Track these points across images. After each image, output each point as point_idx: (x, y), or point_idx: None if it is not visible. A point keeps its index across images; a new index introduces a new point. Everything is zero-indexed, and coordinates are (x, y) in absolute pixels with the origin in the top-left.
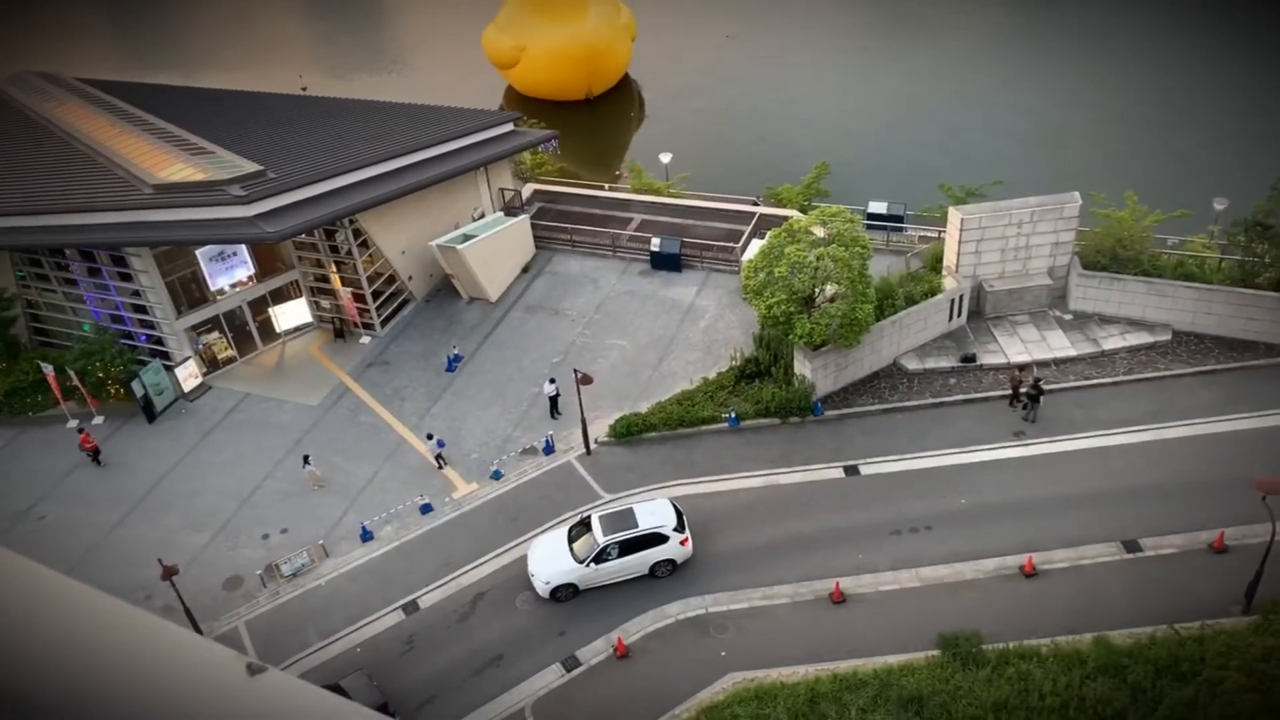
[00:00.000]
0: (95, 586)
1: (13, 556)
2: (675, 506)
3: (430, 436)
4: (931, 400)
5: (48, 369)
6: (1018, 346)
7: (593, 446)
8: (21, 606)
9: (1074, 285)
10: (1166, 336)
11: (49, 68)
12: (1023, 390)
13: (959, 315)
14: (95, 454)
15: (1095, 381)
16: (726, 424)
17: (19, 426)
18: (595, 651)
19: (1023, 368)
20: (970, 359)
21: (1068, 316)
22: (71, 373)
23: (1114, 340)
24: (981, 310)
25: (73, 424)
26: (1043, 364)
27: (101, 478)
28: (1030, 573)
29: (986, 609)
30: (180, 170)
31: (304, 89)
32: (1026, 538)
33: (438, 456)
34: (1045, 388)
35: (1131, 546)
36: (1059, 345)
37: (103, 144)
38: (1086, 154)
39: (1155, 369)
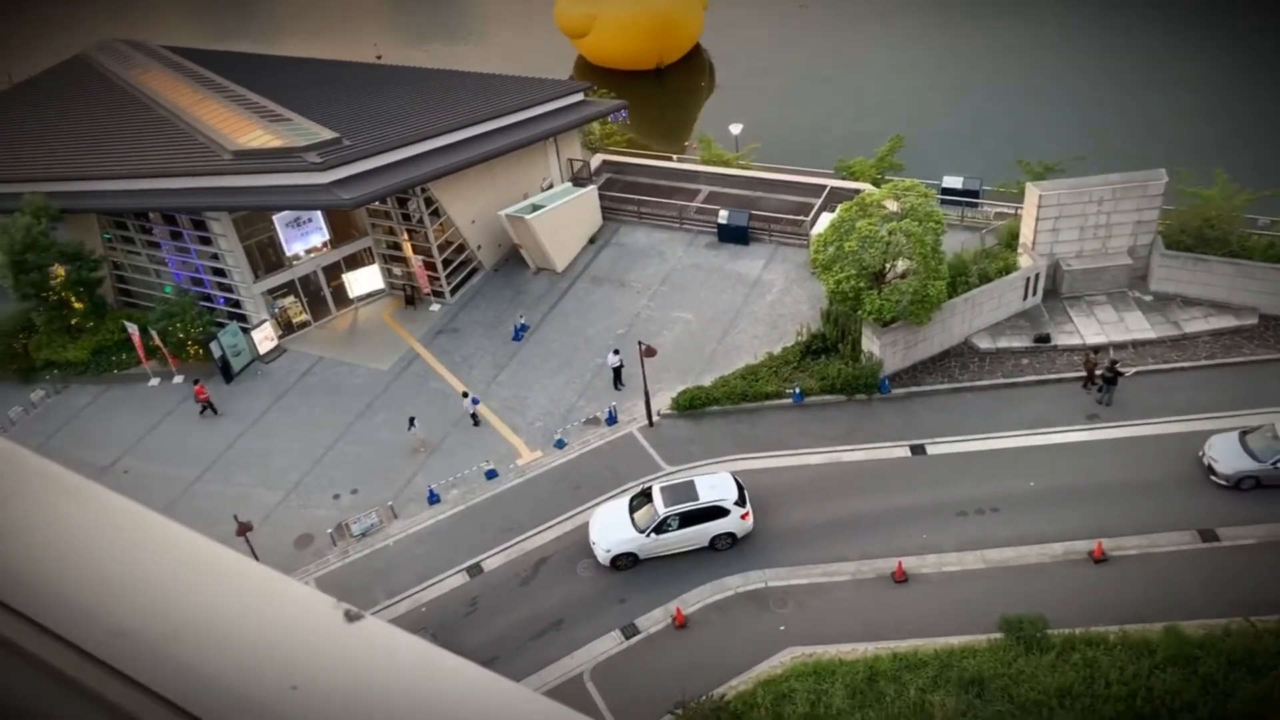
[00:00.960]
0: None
1: (109, 495)
2: (737, 480)
3: (465, 394)
4: (1003, 380)
5: (132, 329)
6: (1094, 327)
7: (655, 419)
8: (119, 542)
9: (1156, 266)
10: (1253, 320)
11: (135, 36)
12: (1098, 372)
13: (1034, 294)
14: (209, 405)
15: (1175, 365)
16: (790, 400)
17: (105, 384)
18: (654, 620)
19: (1098, 349)
20: (1044, 339)
21: (1148, 298)
22: (154, 333)
23: (1196, 323)
24: (1057, 289)
25: (154, 382)
26: (1120, 346)
27: (181, 435)
28: (1100, 558)
29: (1053, 594)
30: (259, 137)
31: (379, 57)
32: (1097, 523)
33: (472, 415)
34: (1122, 370)
35: (1208, 536)
36: (1138, 327)
37: (185, 110)
38: (1175, 131)
39: (1239, 354)
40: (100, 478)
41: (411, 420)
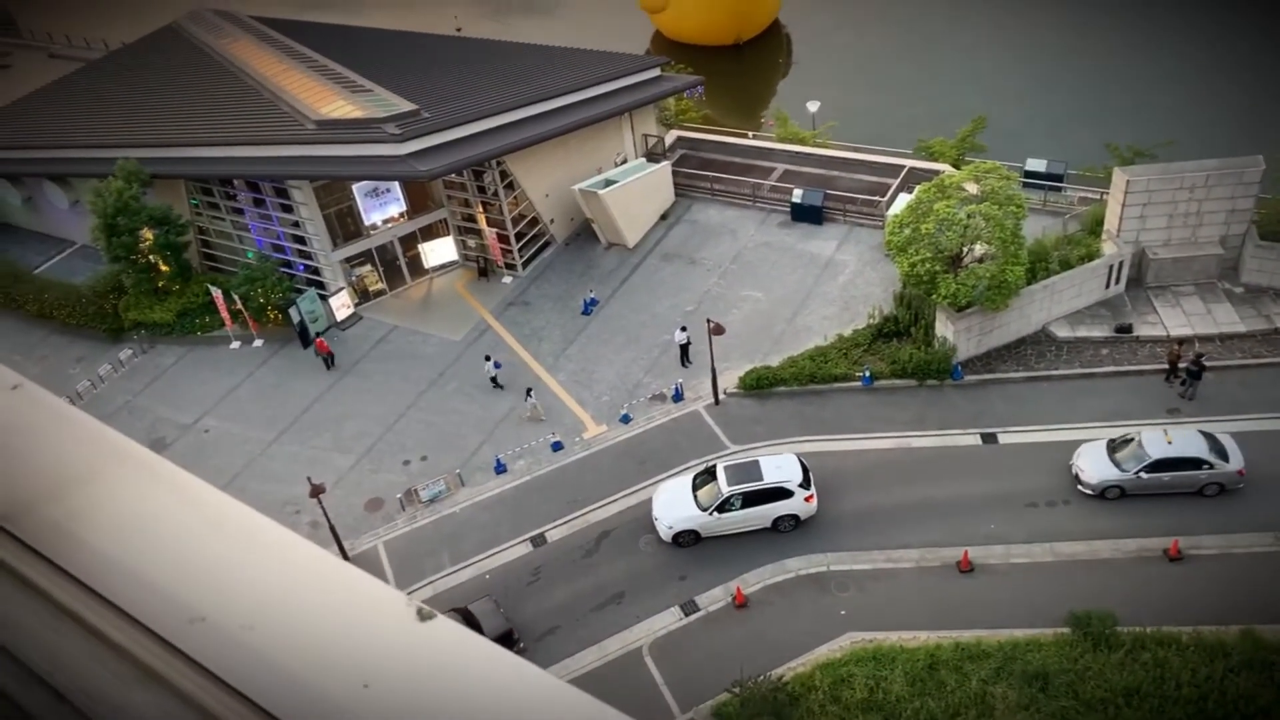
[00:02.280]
0: (252, 501)
1: (195, 481)
2: (802, 462)
3: (488, 358)
4: (1081, 370)
5: (216, 292)
6: (1179, 319)
7: (721, 397)
8: (201, 529)
9: (1249, 256)
10: None
11: (224, 5)
12: (1182, 365)
13: (1117, 283)
14: (331, 358)
15: (1265, 360)
16: (860, 383)
17: (189, 345)
18: (714, 599)
19: (1183, 341)
20: (1126, 329)
21: (1238, 289)
22: (236, 297)
23: None
24: (1142, 279)
25: (235, 345)
26: (1206, 339)
27: (260, 397)
28: (1175, 557)
29: (1124, 591)
30: (341, 107)
31: (459, 30)
32: (1174, 520)
33: (493, 379)
34: (1207, 364)
35: None
36: (1226, 320)
37: (271, 80)
38: (1274, 115)
39: None
40: (183, 436)
41: (529, 391)
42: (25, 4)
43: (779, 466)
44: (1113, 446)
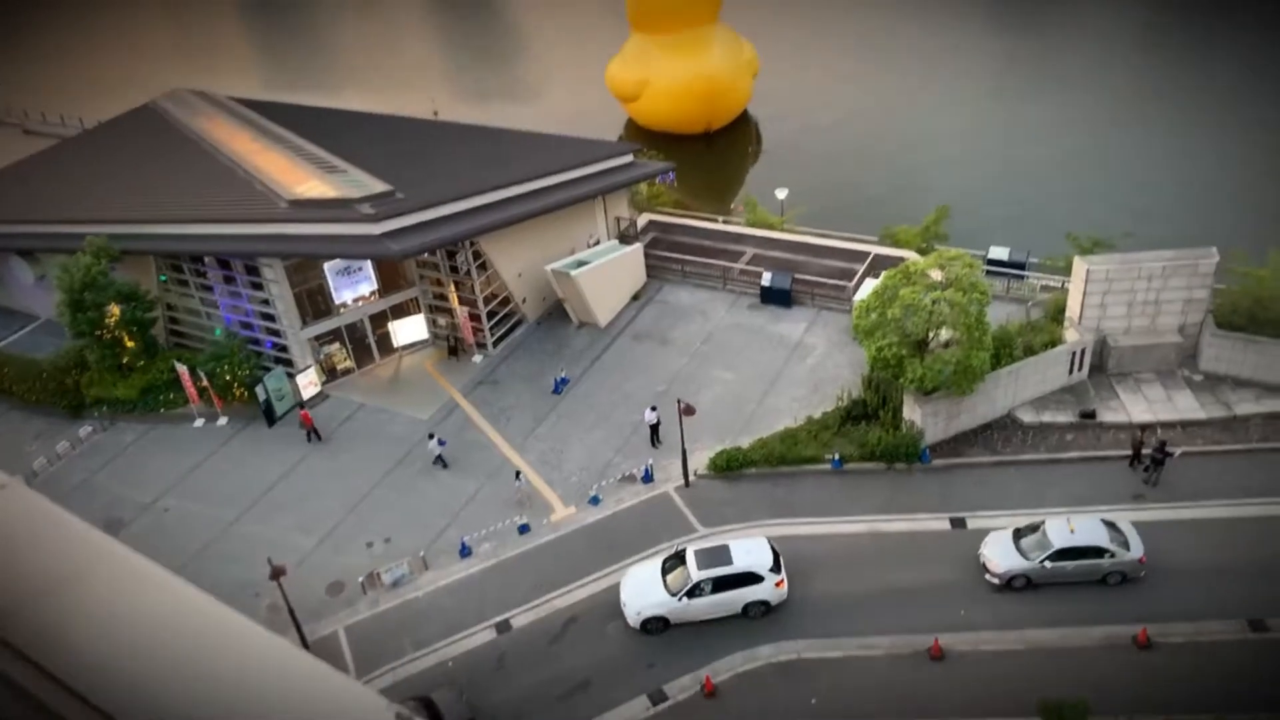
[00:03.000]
0: (210, 584)
1: (185, 587)
2: (772, 546)
3: (431, 436)
4: (1047, 455)
5: (182, 369)
6: (1142, 405)
7: (692, 479)
8: (181, 634)
9: (1206, 345)
10: None
11: (203, 85)
12: (1145, 451)
13: (1080, 369)
14: (313, 431)
15: (1225, 448)
16: (830, 465)
17: (151, 422)
18: (683, 688)
19: (1146, 428)
20: (1090, 415)
21: (1198, 377)
22: (202, 374)
23: (1248, 405)
24: (1104, 365)
25: (199, 422)
26: (1168, 425)
27: (222, 475)
28: (1144, 644)
29: (1094, 679)
30: (315, 187)
31: (436, 113)
32: (1142, 607)
33: (438, 457)
34: (1171, 450)
35: (1257, 626)
36: (1187, 407)
37: (245, 159)
38: (1226, 209)
39: None
40: (141, 515)
41: (518, 474)
42: (2, 81)
43: (749, 551)
44: (1018, 535)
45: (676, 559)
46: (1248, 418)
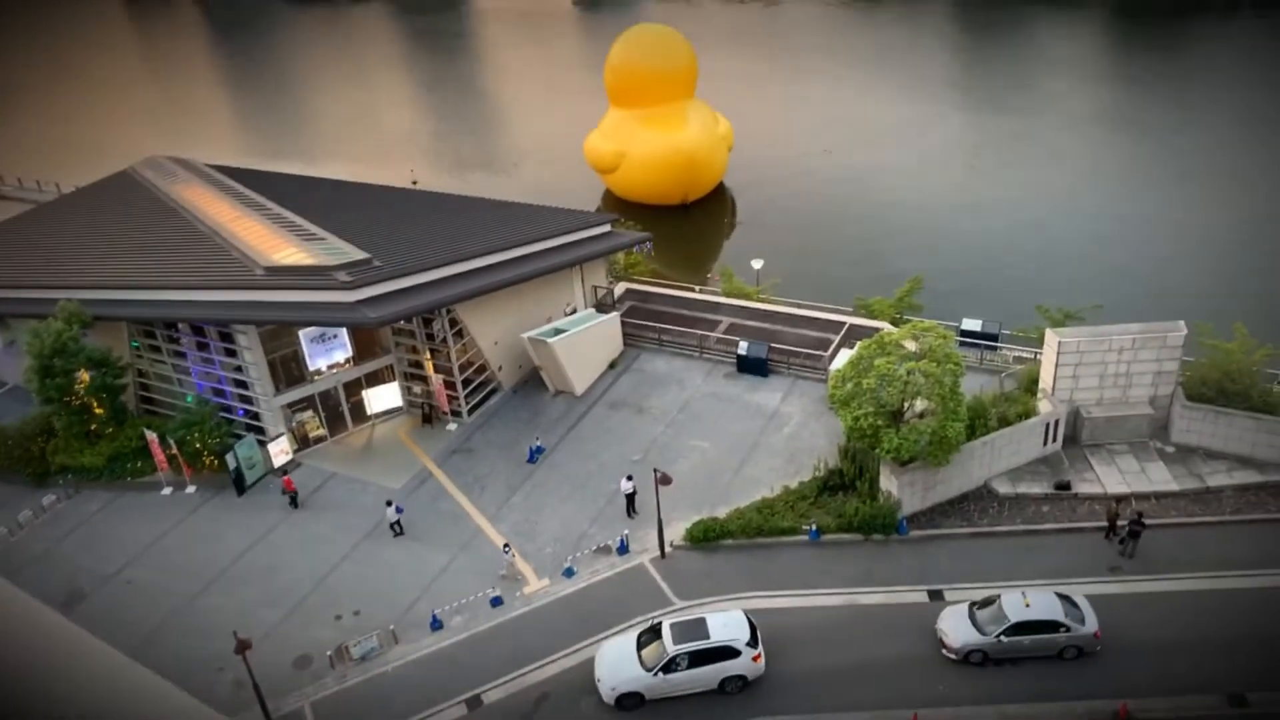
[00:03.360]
0: (173, 658)
1: (153, 678)
2: (749, 619)
3: (390, 503)
4: (1023, 527)
5: (151, 436)
6: (1116, 477)
7: (668, 550)
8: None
9: (1177, 417)
10: (1278, 477)
11: (187, 152)
12: (1120, 523)
13: (1054, 440)
14: (294, 497)
15: (1199, 519)
16: (807, 536)
17: (117, 490)
18: None
19: (1120, 499)
20: (1065, 486)
21: (1170, 449)
22: (172, 441)
23: (1220, 477)
24: (1078, 437)
25: (167, 491)
26: (1142, 497)
27: (188, 546)
28: (1124, 719)
29: None
30: (292, 254)
31: (415, 183)
32: (1121, 682)
33: (394, 525)
34: (1145, 523)
35: (1236, 700)
36: (1160, 478)
37: (223, 225)
38: (1194, 281)
39: (1265, 510)
40: (103, 587)
41: (506, 546)
42: None
43: (726, 624)
44: (974, 609)
45: (652, 633)
46: (1221, 489)
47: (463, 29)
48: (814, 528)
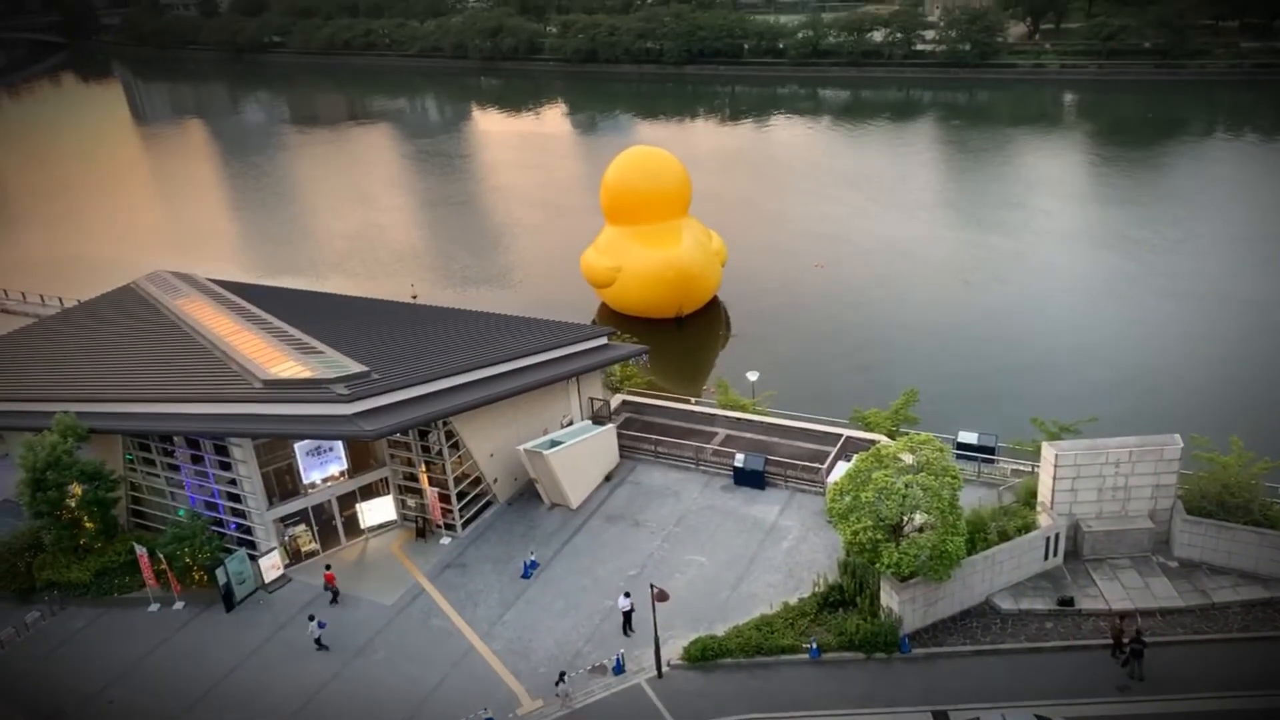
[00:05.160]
0: None
1: None
2: None
3: (312, 618)
4: (1027, 644)
5: (141, 551)
6: (1119, 592)
7: (665, 669)
8: None
9: (1178, 531)
10: None
11: (185, 268)
12: (1125, 641)
13: (1055, 554)
14: (336, 594)
15: (1206, 637)
16: (807, 655)
17: (104, 607)
18: None
19: (1125, 615)
20: (1068, 602)
21: (1173, 563)
22: (162, 556)
23: (1225, 593)
24: (1079, 550)
25: (154, 607)
26: (1147, 613)
27: (174, 665)
28: None
29: None
30: (290, 368)
31: (415, 296)
32: None
33: (317, 640)
34: (1148, 640)
35: None
36: (1164, 594)
37: (222, 339)
38: (1187, 395)
39: (1274, 627)
40: (84, 707)
41: (562, 674)
42: None
43: None
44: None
45: None
46: (1227, 605)
47: (464, 149)
48: (814, 646)
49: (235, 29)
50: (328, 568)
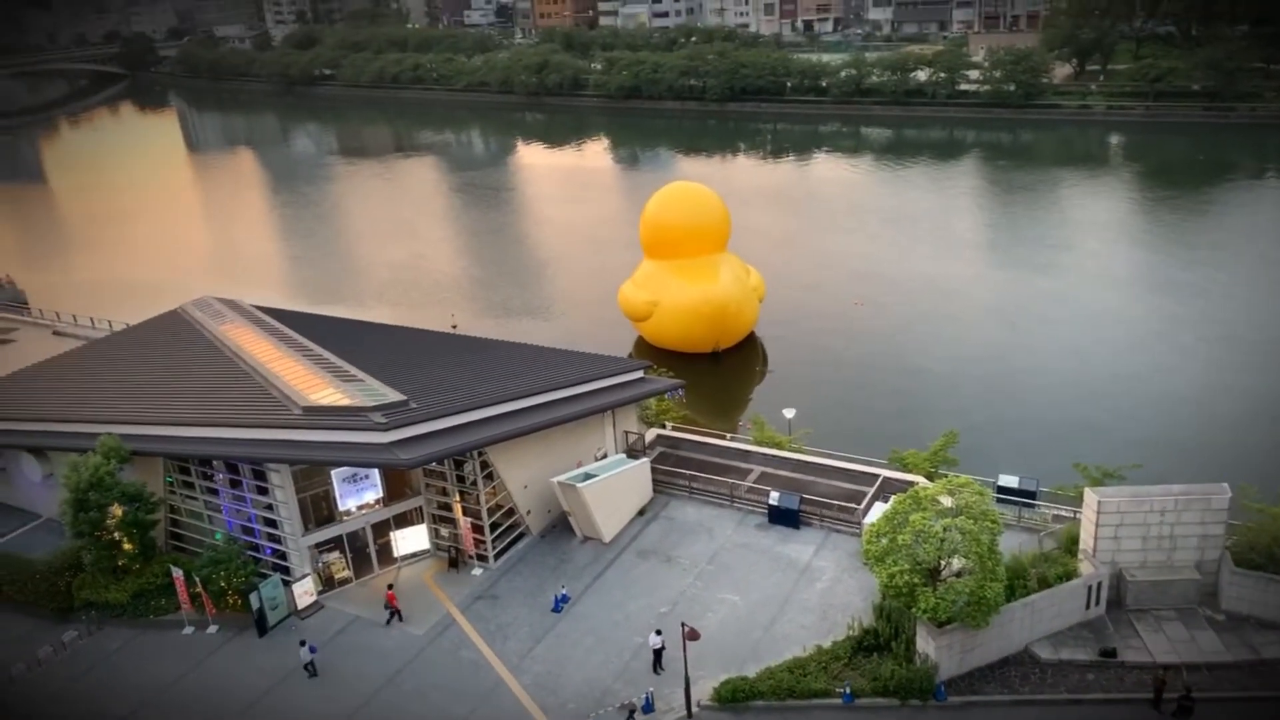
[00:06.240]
0: None
1: None
2: None
3: (303, 643)
4: (1067, 695)
5: (177, 573)
6: (1164, 645)
7: (695, 710)
8: None
9: (1226, 583)
10: None
11: (231, 294)
12: (1169, 695)
13: (1097, 604)
14: (396, 613)
15: (1255, 694)
16: (840, 700)
17: (140, 628)
18: None
19: (1169, 668)
20: (1110, 653)
21: (1220, 617)
22: (197, 579)
23: (1274, 649)
24: (1122, 600)
25: (189, 630)
26: (1193, 667)
27: (206, 688)
28: None
29: None
30: (330, 395)
31: (455, 326)
32: None
33: (307, 665)
34: (1197, 696)
35: None
36: (1211, 648)
37: (264, 365)
38: (1235, 443)
39: None
40: None
41: (631, 714)
42: (39, 285)
43: None
44: None
45: None
46: (1276, 662)
47: (507, 183)
48: (848, 691)
49: (287, 62)
50: (390, 587)
